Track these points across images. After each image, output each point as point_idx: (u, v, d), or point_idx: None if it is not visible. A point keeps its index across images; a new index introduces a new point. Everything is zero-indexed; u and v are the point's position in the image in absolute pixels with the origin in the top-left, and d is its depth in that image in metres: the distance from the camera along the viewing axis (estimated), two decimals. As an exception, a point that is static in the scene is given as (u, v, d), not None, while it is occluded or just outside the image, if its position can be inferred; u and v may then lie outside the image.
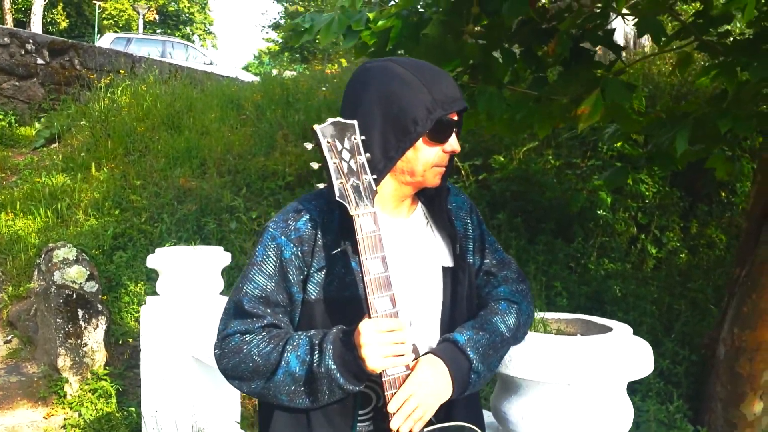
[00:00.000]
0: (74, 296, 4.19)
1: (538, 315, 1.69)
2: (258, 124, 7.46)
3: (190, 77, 10.53)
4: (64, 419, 3.84)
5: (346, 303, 1.34)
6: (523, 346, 1.52)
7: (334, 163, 1.23)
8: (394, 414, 1.24)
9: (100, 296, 4.50)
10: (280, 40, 31.11)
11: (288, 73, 22.16)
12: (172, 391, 3.38)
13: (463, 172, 5.96)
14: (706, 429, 3.74)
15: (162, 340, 3.47)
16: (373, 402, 1.37)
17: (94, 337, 4.19)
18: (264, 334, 1.34)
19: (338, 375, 1.24)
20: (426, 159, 1.35)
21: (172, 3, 31.70)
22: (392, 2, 3.28)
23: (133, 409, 3.85)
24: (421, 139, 1.33)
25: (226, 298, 3.33)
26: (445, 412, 1.35)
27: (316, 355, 1.26)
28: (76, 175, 6.65)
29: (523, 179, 5.83)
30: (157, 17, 31.35)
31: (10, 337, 4.62)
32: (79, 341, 4.11)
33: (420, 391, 1.26)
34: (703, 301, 4.85)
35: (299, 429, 1.36)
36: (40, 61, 9.58)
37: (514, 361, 1.51)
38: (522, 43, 3.41)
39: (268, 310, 1.36)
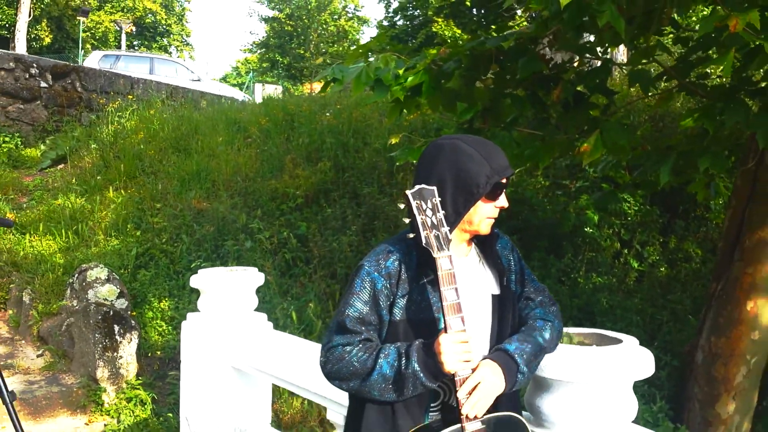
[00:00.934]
0: (111, 313, 4.55)
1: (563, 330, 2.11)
2: (263, 146, 7.85)
3: (187, 97, 10.90)
4: (105, 425, 4.18)
5: (421, 322, 1.76)
6: (555, 355, 1.94)
7: (421, 219, 1.65)
8: (464, 404, 1.66)
9: (129, 312, 4.85)
10: (256, 51, 31.49)
11: (271, 88, 22.53)
12: (212, 397, 3.75)
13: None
14: (685, 427, 4.18)
15: (203, 352, 3.83)
16: (441, 397, 1.78)
17: (128, 350, 4.55)
18: (360, 345, 1.75)
19: (422, 375, 1.65)
20: (482, 213, 1.78)
21: (150, 15, 31.79)
22: (415, 58, 3.68)
23: (171, 414, 4.21)
24: (483, 199, 1.77)
25: (260, 315, 3.73)
26: (493, 406, 1.76)
27: (404, 361, 1.67)
28: (91, 196, 6.97)
29: (517, 200, 6.28)
30: (134, 29, 31.46)
31: (42, 351, 4.93)
32: (115, 354, 4.47)
33: (482, 386, 1.68)
34: (682, 312, 5.32)
35: (386, 417, 1.77)
36: (43, 84, 9.88)
37: (548, 366, 1.93)
38: (527, 88, 3.86)
39: (364, 329, 1.77)
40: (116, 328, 4.48)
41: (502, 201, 1.79)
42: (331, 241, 5.87)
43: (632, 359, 1.97)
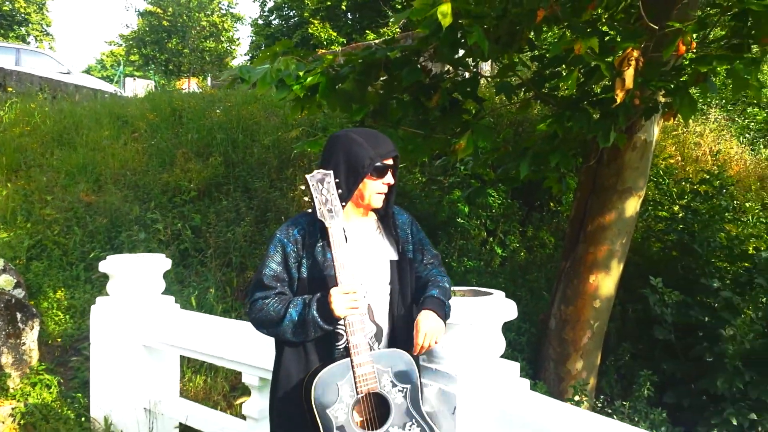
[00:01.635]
0: (12, 301, 4.63)
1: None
2: (151, 141, 7.95)
3: (61, 90, 10.62)
4: (12, 409, 4.29)
5: (321, 278, 2.21)
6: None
7: (317, 197, 2.12)
8: (418, 342, 2.18)
9: (27, 302, 4.94)
10: (122, 43, 30.30)
11: (142, 82, 21.91)
12: (125, 374, 4.02)
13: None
14: (542, 383, 4.93)
15: (113, 333, 4.09)
16: (344, 338, 2.22)
17: (31, 336, 4.66)
18: (276, 298, 2.22)
19: (319, 320, 2.11)
20: (371, 189, 2.25)
21: (6, 2, 29.66)
22: (315, 62, 4.14)
23: (80, 395, 4.39)
24: (366, 177, 2.23)
25: (168, 297, 4.05)
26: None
27: (306, 309, 2.14)
28: (-29, 189, 6.79)
29: (399, 194, 6.88)
30: (-13, 16, 29.23)
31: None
32: (18, 341, 4.57)
33: (429, 333, 2.19)
34: (538, 288, 6.13)
35: (299, 356, 2.21)
36: None
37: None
38: (411, 94, 4.44)
39: (278, 284, 2.23)
40: (18, 315, 4.58)
41: (388, 179, 2.25)
42: (226, 232, 6.19)
43: (500, 305, 2.57)
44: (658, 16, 3.83)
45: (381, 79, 4.35)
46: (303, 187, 6.77)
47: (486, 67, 8.22)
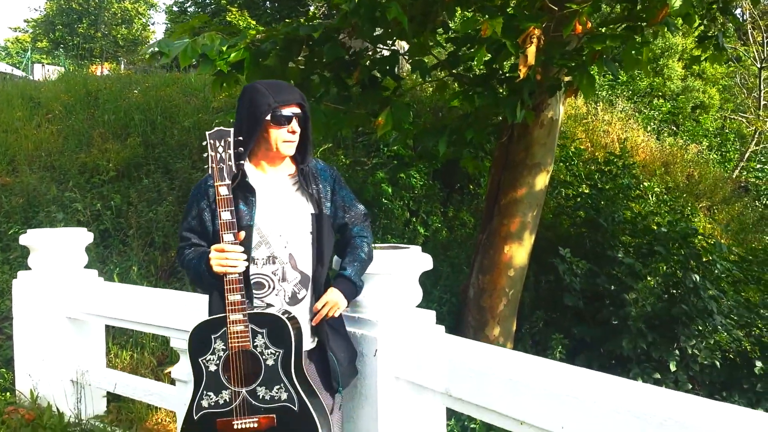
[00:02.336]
0: (-75, 280, 4.51)
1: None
2: (65, 122, 7.76)
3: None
4: (-69, 387, 4.20)
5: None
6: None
7: (212, 155, 2.20)
8: (317, 308, 2.32)
9: (-60, 281, 4.80)
10: (28, 30, 28.95)
11: (52, 68, 21.05)
12: (50, 347, 4.00)
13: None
14: (462, 349, 5.20)
15: (37, 306, 4.06)
16: (266, 287, 2.35)
17: (-53, 316, 4.55)
18: (192, 249, 2.37)
19: (206, 273, 2.23)
20: (276, 137, 2.32)
21: None
22: (237, 37, 4.21)
23: (3, 371, 4.33)
24: (269, 125, 2.29)
25: (90, 271, 4.05)
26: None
27: (200, 263, 2.27)
28: None
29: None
30: None
31: None
32: (-67, 320, 4.45)
33: (329, 305, 2.33)
34: (458, 264, 6.42)
35: (222, 300, 2.26)
36: None
37: (357, 264, 2.67)
38: (332, 70, 4.60)
39: (193, 236, 2.38)
40: (-69, 293, 4.46)
41: (292, 126, 2.30)
42: (148, 212, 6.16)
43: (417, 258, 2.78)
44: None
45: (303, 55, 4.48)
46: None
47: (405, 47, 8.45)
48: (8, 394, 4.15)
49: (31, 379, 4.02)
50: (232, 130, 2.19)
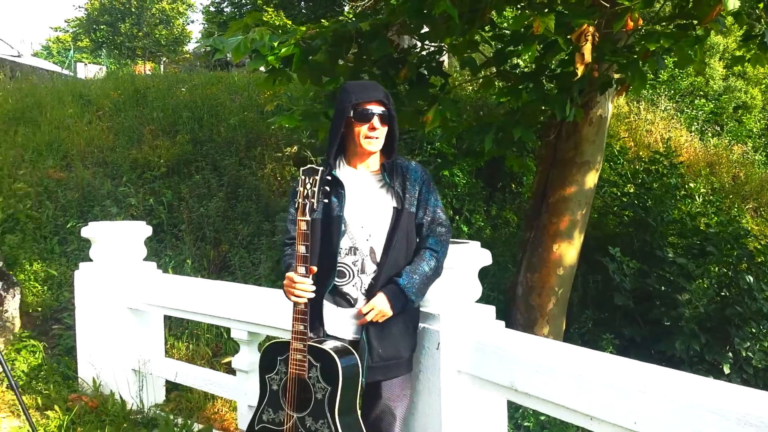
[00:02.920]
0: (-8, 271, 4.69)
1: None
2: (115, 119, 7.96)
3: (17, 71, 10.48)
4: (-1, 372, 4.36)
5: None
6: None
7: (300, 189, 2.30)
8: (363, 311, 2.38)
9: (6, 271, 4.98)
10: (69, 29, 29.59)
11: (94, 67, 21.52)
12: (112, 336, 4.13)
13: (315, 164, 7.09)
14: (510, 347, 5.19)
15: (99, 297, 4.19)
16: (346, 275, 2.46)
17: (13, 304, 4.72)
18: (289, 249, 2.52)
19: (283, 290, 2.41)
20: (358, 133, 2.43)
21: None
22: (288, 33, 4.28)
23: (66, 359, 4.48)
24: (352, 122, 2.41)
25: (149, 263, 4.17)
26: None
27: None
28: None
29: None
30: None
31: None
32: (0, 308, 4.62)
33: (374, 311, 2.36)
34: (504, 262, 6.42)
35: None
36: None
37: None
38: (380, 68, 4.64)
39: (294, 228, 2.48)
40: (0, 284, 4.63)
41: (374, 123, 2.41)
42: (198, 207, 6.30)
43: (477, 253, 2.81)
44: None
45: (351, 52, 4.53)
46: (272, 166, 6.96)
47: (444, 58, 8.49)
48: (71, 381, 4.29)
49: (93, 368, 4.16)
50: (322, 169, 2.30)
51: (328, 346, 2.33)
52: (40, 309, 5.05)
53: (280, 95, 6.87)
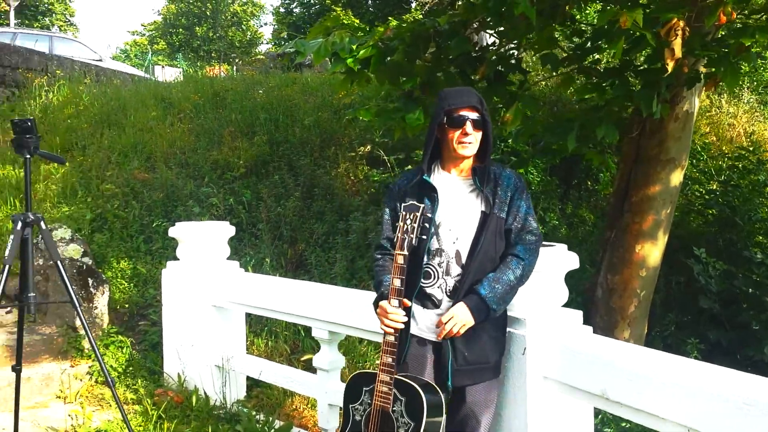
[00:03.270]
0: (84, 267, 4.92)
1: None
2: (195, 121, 8.22)
3: (101, 75, 10.96)
4: (89, 367, 4.58)
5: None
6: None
7: (401, 225, 2.35)
8: (443, 321, 2.36)
9: (96, 269, 5.22)
10: (145, 33, 30.68)
11: (171, 70, 22.25)
12: (196, 333, 4.27)
13: (388, 164, 7.13)
14: (589, 350, 5.08)
15: (185, 294, 4.34)
16: (431, 277, 2.47)
17: (102, 301, 4.94)
18: (380, 259, 2.60)
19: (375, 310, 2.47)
20: (451, 138, 2.46)
21: (31, -8, 30.12)
22: (366, 35, 4.32)
23: (152, 354, 4.67)
24: (446, 128, 2.45)
25: (232, 262, 4.27)
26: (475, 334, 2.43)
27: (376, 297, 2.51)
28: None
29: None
30: (11, 4, 29.81)
31: (9, 308, 5.19)
32: (91, 305, 4.85)
33: (453, 320, 2.34)
34: (581, 262, 6.23)
35: None
36: (-45, 60, 9.65)
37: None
38: (458, 66, 4.61)
39: (386, 242, 2.59)
40: (90, 281, 4.86)
41: (466, 129, 2.42)
42: (276, 207, 6.43)
43: (564, 256, 2.76)
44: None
45: (429, 51, 4.52)
46: (345, 165, 7.05)
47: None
48: (157, 377, 4.46)
49: (179, 364, 4.30)
50: (423, 206, 2.36)
51: (415, 381, 2.33)
52: (126, 306, 5.27)
53: (353, 94, 6.92)
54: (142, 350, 4.88)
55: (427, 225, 2.37)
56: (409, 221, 2.33)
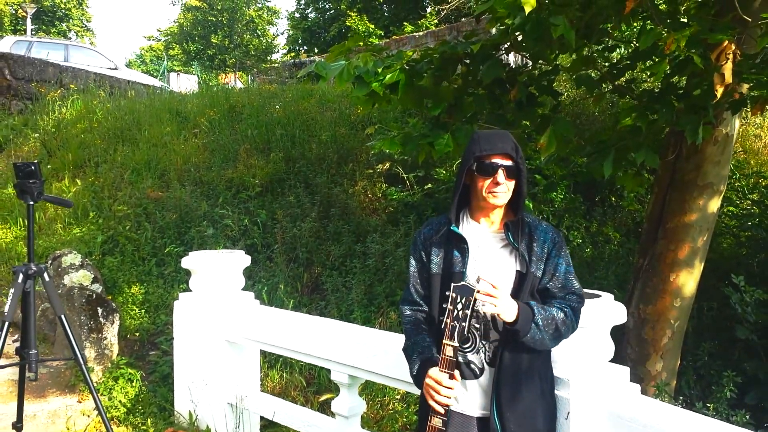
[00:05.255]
0: (93, 296, 4.73)
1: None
2: (210, 136, 8.03)
3: (114, 86, 10.84)
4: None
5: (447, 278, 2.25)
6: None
7: (450, 309, 2.08)
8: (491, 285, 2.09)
9: (105, 297, 5.04)
10: (161, 38, 30.64)
11: (186, 77, 22.21)
12: (209, 369, 4.06)
13: (407, 182, 6.91)
14: (620, 383, 4.83)
15: (197, 328, 4.14)
16: (469, 341, 2.23)
17: (112, 331, 4.75)
18: (410, 314, 2.37)
19: (412, 376, 2.25)
20: (481, 186, 2.22)
21: (48, -2, 30.26)
22: (391, 58, 4.11)
23: (161, 389, 4.46)
24: (475, 175, 2.22)
25: (248, 293, 4.07)
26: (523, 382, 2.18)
27: (414, 368, 2.25)
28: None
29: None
30: (29, 12, 30.03)
31: (17, 336, 5.03)
32: (100, 335, 4.66)
33: (498, 298, 2.06)
34: (607, 286, 5.98)
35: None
36: (-31, 71, 9.56)
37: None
38: (486, 88, 4.38)
39: (414, 294, 2.37)
40: (99, 310, 4.67)
41: (497, 179, 2.19)
42: (292, 228, 6.22)
43: (610, 309, 2.51)
44: (742, 6, 3.69)
45: (458, 73, 4.30)
46: (363, 183, 6.83)
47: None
48: (166, 413, 4.25)
49: (190, 401, 4.09)
50: (476, 289, 2.07)
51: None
52: (137, 334, 5.08)
53: (372, 111, 6.71)
54: (152, 382, 4.68)
55: (481, 312, 2.12)
56: (460, 306, 2.06)
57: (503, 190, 2.21)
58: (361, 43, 4.30)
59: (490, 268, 2.22)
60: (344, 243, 6.16)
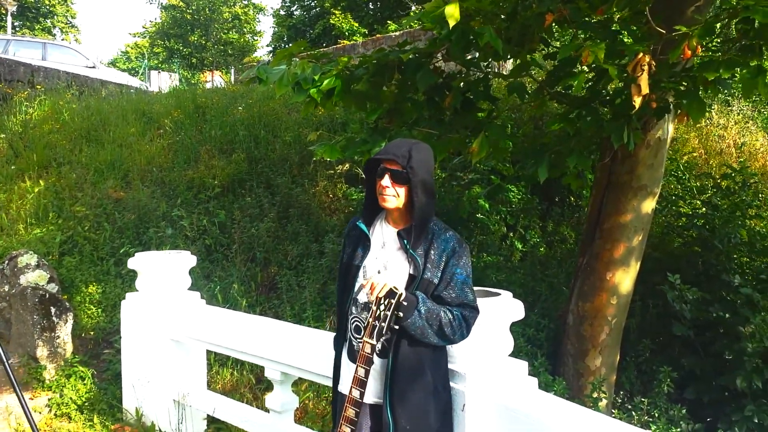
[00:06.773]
0: (47, 296, 4.85)
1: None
2: (175, 137, 8.14)
3: (88, 86, 10.89)
4: (48, 399, 4.51)
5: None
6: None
7: (374, 309, 2.20)
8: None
9: (60, 296, 5.15)
10: (146, 35, 30.57)
11: (166, 75, 22.22)
12: (154, 367, 4.20)
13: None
14: (561, 378, 5.00)
15: (143, 327, 4.27)
16: (362, 332, 2.32)
17: (65, 330, 4.87)
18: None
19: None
20: (376, 188, 2.35)
21: (32, -6, 30.01)
22: (330, 63, 4.25)
23: (113, 386, 4.59)
24: (373, 177, 2.36)
25: (194, 293, 4.20)
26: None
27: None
28: (3, 186, 7.05)
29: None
30: (12, 9, 29.80)
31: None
32: (53, 334, 4.78)
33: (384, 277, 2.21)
34: (557, 284, 6.16)
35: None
36: (-64, 71, 9.59)
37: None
38: (425, 94, 4.54)
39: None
40: (53, 309, 4.79)
41: (382, 182, 2.30)
42: (250, 228, 6.35)
43: (508, 306, 2.68)
44: (667, 18, 3.87)
45: (396, 79, 4.45)
46: (324, 184, 6.96)
47: (509, 65, 8.26)
48: (115, 410, 4.39)
49: (136, 398, 4.23)
50: (400, 293, 2.19)
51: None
52: (93, 332, 5.20)
53: (330, 114, 6.84)
54: (104, 380, 4.81)
55: (401, 314, 2.20)
56: (383, 307, 2.17)
57: (391, 194, 2.30)
58: (303, 48, 4.42)
59: (388, 266, 2.37)
60: (302, 243, 6.30)
